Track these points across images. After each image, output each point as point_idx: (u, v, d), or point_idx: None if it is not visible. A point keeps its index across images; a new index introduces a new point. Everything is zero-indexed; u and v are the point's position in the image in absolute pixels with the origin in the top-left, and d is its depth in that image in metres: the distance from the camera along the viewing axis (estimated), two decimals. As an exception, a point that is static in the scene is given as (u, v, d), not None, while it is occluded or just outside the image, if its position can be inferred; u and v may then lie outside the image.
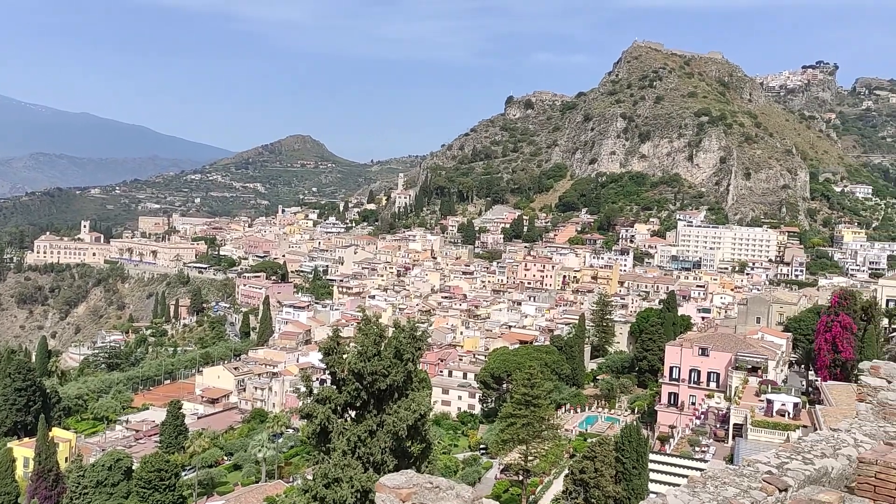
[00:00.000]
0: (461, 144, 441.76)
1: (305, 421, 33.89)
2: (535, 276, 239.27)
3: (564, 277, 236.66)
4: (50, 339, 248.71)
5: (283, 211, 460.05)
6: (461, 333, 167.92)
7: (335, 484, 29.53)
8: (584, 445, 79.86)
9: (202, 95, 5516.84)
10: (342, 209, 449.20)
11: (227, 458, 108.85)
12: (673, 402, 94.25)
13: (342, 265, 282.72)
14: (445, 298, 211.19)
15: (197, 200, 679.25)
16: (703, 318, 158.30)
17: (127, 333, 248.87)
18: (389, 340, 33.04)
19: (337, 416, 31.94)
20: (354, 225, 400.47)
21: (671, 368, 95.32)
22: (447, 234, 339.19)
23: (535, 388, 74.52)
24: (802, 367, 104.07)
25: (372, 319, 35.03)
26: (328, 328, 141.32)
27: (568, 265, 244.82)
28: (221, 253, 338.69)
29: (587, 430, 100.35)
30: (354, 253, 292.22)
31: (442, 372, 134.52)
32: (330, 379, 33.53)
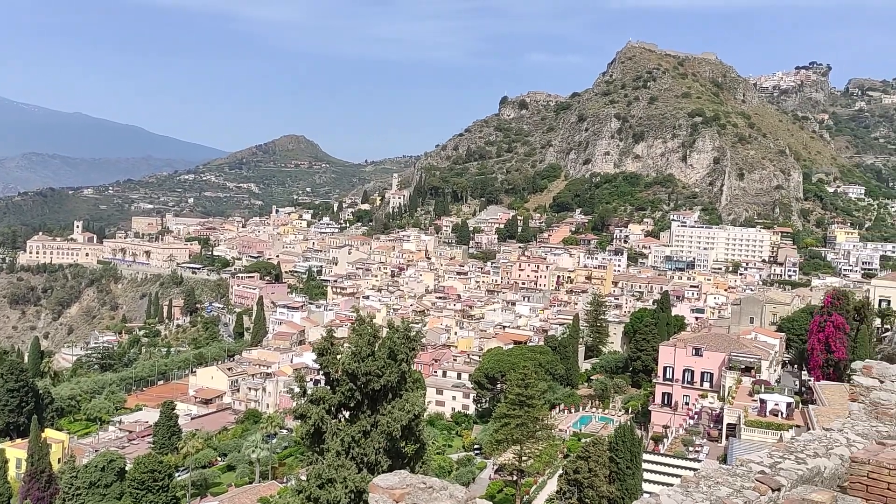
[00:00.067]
0: (455, 145, 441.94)
1: (299, 421, 33.86)
2: (529, 276, 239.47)
3: (558, 278, 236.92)
4: (42, 339, 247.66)
5: (276, 211, 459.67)
6: (455, 334, 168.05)
7: (329, 484, 29.47)
8: (578, 445, 79.98)
9: (196, 95, 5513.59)
10: (336, 209, 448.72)
11: (220, 458, 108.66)
12: (667, 402, 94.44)
13: (336, 265, 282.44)
14: (440, 299, 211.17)
15: (190, 201, 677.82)
16: (696, 318, 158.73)
17: (120, 334, 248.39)
18: (383, 341, 33.01)
19: (331, 416, 31.90)
20: (348, 225, 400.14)
21: (665, 368, 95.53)
22: (441, 234, 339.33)
23: (529, 388, 74.62)
24: (795, 366, 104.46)
25: (366, 320, 34.99)
26: (322, 329, 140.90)
27: (562, 265, 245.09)
28: (215, 253, 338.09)
29: (581, 430, 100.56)
30: (348, 253, 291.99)
31: (436, 372, 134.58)
32: (324, 379, 33.50)
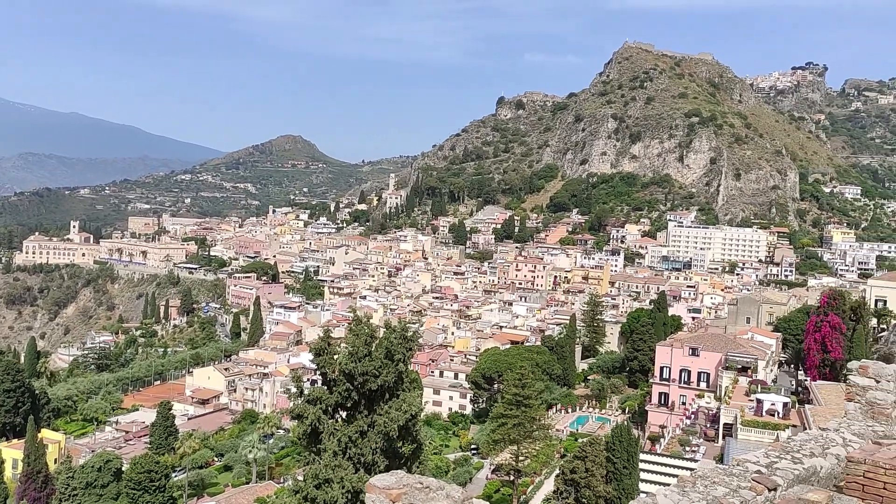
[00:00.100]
0: (452, 145, 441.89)
1: (296, 422, 33.82)
2: (526, 276, 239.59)
3: (555, 278, 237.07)
4: (39, 340, 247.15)
5: (273, 211, 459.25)
6: (452, 334, 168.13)
7: (326, 485, 29.49)
8: (574, 445, 79.98)
9: (193, 95, 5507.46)
10: (333, 209, 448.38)
11: (217, 459, 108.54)
12: (663, 401, 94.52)
13: (333, 265, 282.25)
14: (437, 299, 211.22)
15: (187, 201, 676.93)
16: (693, 318, 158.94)
17: (116, 334, 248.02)
18: (380, 341, 33.01)
19: (328, 416, 31.89)
20: (345, 225, 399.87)
21: (661, 368, 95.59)
22: (438, 234, 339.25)
23: (526, 388, 74.61)
24: (792, 366, 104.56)
25: (363, 320, 35.01)
26: (319, 329, 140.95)
27: (559, 265, 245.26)
28: (212, 253, 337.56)
29: (578, 430, 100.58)
30: (345, 253, 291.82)
31: (433, 372, 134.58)
32: (321, 379, 33.49)
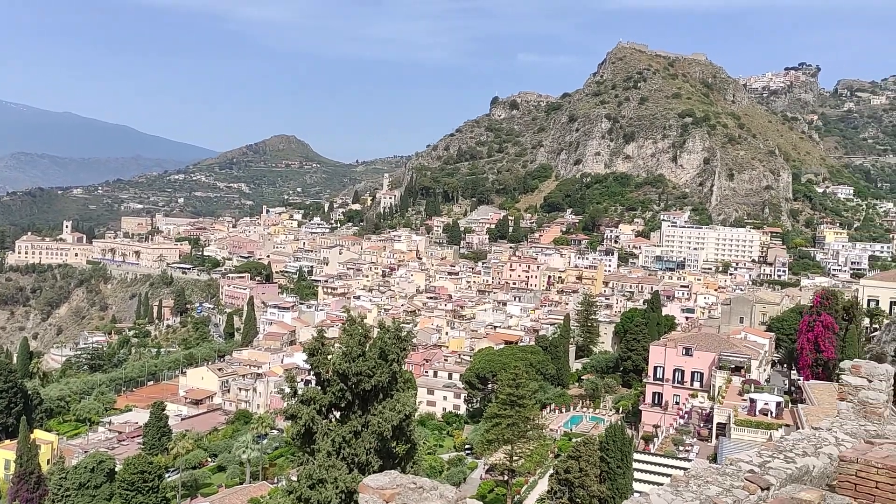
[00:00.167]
0: (446, 145, 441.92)
1: (290, 422, 33.80)
2: (520, 276, 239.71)
3: (549, 278, 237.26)
4: (31, 340, 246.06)
5: (267, 211, 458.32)
6: (446, 334, 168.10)
7: (320, 485, 29.44)
8: (568, 445, 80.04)
9: (186, 95, 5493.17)
10: (327, 209, 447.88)
11: (211, 459, 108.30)
12: (657, 401, 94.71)
13: (327, 266, 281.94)
14: (431, 299, 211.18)
15: (180, 200, 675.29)
16: (686, 318, 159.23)
17: (110, 334, 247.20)
18: (374, 341, 32.97)
19: (322, 416, 31.84)
20: (339, 225, 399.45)
21: (655, 368, 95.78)
22: (432, 234, 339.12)
23: (520, 388, 74.66)
24: (785, 366, 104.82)
25: (357, 320, 34.93)
26: (313, 329, 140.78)
27: (553, 265, 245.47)
28: (205, 253, 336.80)
29: (572, 429, 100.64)
30: (339, 253, 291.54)
31: (427, 372, 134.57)
32: (314, 380, 33.43)
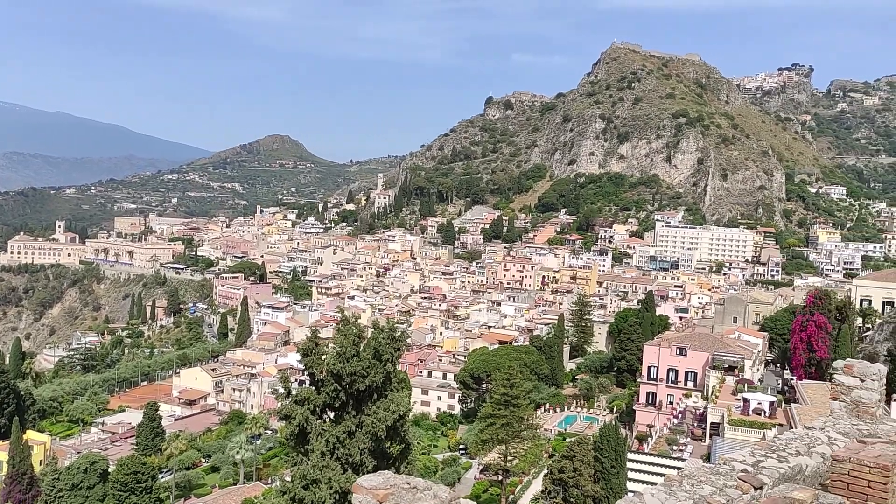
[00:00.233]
0: (441, 145, 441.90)
1: (284, 422, 33.69)
2: (514, 276, 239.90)
3: (543, 278, 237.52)
4: (24, 340, 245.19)
5: (261, 211, 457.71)
6: (441, 334, 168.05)
7: (314, 485, 29.40)
8: (563, 445, 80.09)
9: (180, 95, 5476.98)
10: (321, 209, 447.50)
11: (204, 460, 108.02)
12: (651, 401, 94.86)
13: (321, 266, 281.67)
14: (425, 299, 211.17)
15: (174, 200, 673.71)
16: (680, 317, 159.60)
17: (103, 335, 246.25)
18: (368, 341, 32.93)
19: (315, 417, 31.78)
20: (333, 225, 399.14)
21: (649, 368, 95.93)
22: (427, 234, 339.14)
23: (514, 388, 74.66)
24: (778, 366, 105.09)
25: (351, 320, 34.90)
26: (307, 329, 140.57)
27: (547, 265, 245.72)
28: (199, 253, 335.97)
29: (566, 429, 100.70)
30: (333, 253, 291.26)
31: (421, 372, 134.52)
32: (308, 380, 33.37)
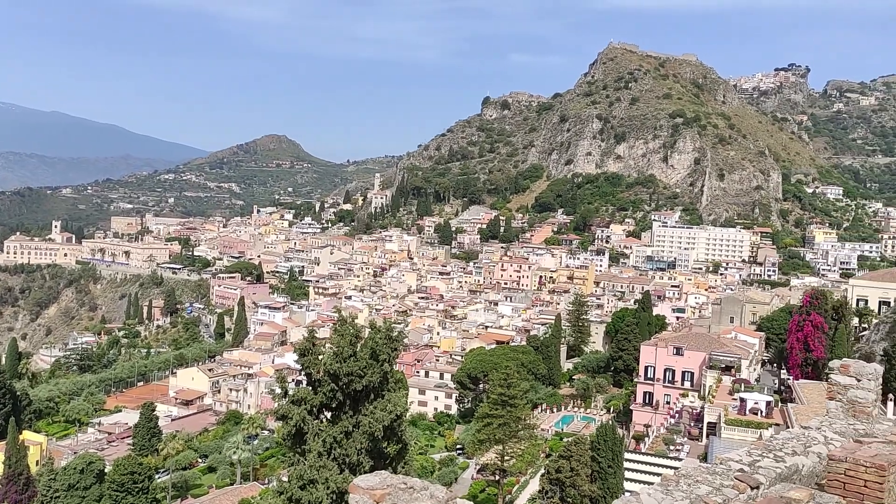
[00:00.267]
0: (438, 145, 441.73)
1: (281, 422, 33.68)
2: (511, 276, 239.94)
3: (541, 278, 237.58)
4: (20, 340, 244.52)
5: (258, 211, 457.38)
6: (438, 334, 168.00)
7: (311, 485, 29.38)
8: (560, 445, 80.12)
9: (177, 95, 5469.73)
10: (318, 209, 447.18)
11: (201, 460, 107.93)
12: (648, 401, 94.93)
13: (318, 266, 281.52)
14: (422, 299, 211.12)
15: (171, 200, 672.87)
16: (677, 317, 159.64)
17: (99, 335, 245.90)
18: (365, 341, 32.90)
19: (312, 417, 31.76)
20: (330, 225, 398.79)
21: (646, 368, 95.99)
22: (424, 234, 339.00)
23: (511, 388, 74.68)
24: (775, 365, 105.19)
25: (348, 320, 34.87)
26: (304, 329, 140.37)
27: (544, 265, 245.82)
28: (196, 253, 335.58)
29: (563, 429, 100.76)
30: (330, 253, 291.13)
31: (419, 372, 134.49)
32: (305, 380, 33.34)
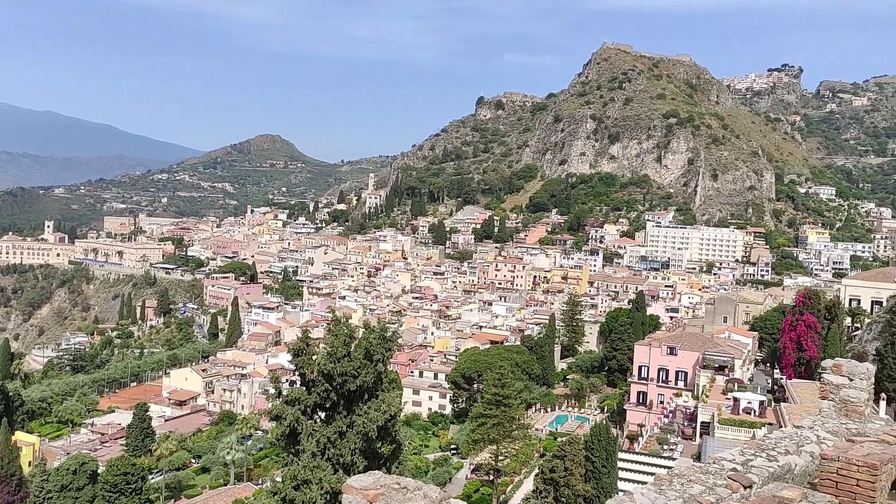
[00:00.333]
0: (432, 145, 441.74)
1: (274, 422, 33.62)
2: (505, 276, 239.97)
3: (535, 278, 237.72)
4: (13, 341, 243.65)
5: (252, 211, 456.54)
6: (432, 334, 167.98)
7: (304, 486, 29.34)
8: (554, 445, 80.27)
9: (170, 94, 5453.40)
10: (312, 209, 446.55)
11: (195, 460, 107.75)
12: (642, 400, 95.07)
13: (312, 266, 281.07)
14: (416, 299, 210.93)
15: (164, 200, 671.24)
16: (671, 317, 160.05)
17: (92, 335, 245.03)
18: (359, 341, 32.89)
19: (306, 417, 31.72)
20: (324, 225, 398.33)
21: (640, 368, 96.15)
22: (418, 234, 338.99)
23: (505, 388, 74.74)
24: (768, 365, 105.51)
25: (342, 320, 34.86)
26: (298, 329, 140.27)
27: (538, 265, 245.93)
28: (189, 253, 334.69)
29: (557, 429, 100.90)
30: (324, 253, 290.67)
31: (413, 372, 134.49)
32: (299, 380, 33.31)
